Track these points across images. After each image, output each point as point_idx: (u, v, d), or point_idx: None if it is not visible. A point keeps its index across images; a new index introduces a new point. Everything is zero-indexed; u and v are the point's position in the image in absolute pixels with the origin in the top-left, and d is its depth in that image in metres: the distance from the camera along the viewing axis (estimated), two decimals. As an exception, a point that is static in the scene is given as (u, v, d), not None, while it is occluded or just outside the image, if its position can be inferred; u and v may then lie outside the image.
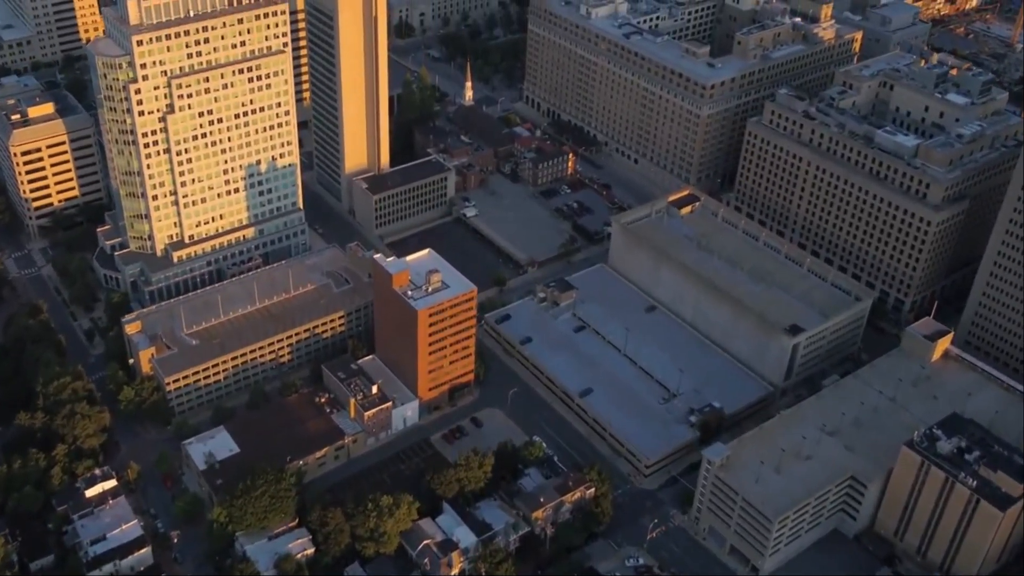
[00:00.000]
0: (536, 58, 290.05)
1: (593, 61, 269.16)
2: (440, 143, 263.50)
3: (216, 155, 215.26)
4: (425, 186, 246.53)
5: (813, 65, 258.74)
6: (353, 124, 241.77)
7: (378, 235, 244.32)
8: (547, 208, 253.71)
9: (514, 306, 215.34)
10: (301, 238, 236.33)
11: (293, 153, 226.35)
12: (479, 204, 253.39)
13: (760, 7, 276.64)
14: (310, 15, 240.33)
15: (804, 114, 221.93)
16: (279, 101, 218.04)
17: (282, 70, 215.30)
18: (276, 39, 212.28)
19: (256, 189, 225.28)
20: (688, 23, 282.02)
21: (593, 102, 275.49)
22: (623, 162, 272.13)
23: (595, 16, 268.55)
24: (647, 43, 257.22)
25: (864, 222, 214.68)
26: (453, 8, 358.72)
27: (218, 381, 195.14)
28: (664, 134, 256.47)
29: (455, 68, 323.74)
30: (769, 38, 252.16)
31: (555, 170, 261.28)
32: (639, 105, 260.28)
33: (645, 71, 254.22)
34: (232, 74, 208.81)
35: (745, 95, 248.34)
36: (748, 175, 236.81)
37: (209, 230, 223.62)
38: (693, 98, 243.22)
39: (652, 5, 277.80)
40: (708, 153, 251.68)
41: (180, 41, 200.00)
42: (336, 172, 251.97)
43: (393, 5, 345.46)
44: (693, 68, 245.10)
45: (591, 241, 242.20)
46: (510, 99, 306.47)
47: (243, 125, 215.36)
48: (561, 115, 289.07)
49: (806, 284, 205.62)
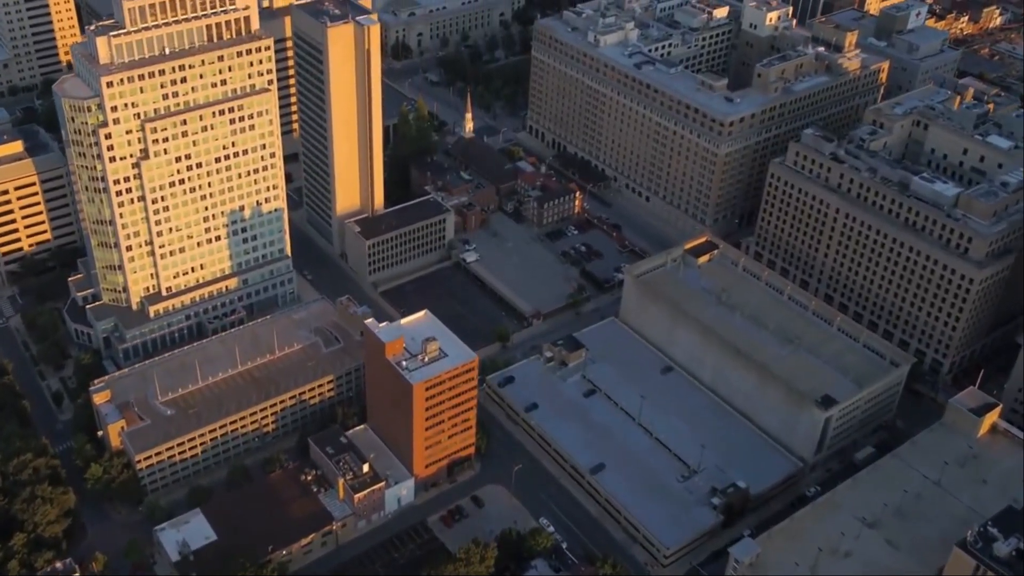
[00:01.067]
0: (540, 86, 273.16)
1: (601, 92, 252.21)
2: (438, 180, 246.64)
3: (195, 202, 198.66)
4: (422, 229, 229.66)
5: (838, 97, 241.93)
6: (345, 164, 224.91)
7: (371, 282, 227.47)
8: (553, 251, 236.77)
9: (519, 367, 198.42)
10: (288, 287, 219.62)
11: (279, 197, 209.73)
12: (480, 247, 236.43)
13: (779, 33, 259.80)
14: (297, 46, 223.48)
15: (832, 156, 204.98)
16: (264, 143, 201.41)
17: (267, 110, 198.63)
18: (260, 77, 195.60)
19: (239, 237, 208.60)
20: (702, 50, 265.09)
21: (601, 135, 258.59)
22: (634, 199, 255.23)
23: (604, 44, 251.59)
24: (660, 74, 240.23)
25: (898, 276, 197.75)
26: (452, 28, 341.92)
27: (195, 456, 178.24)
28: (678, 172, 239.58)
29: (454, 94, 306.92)
30: (791, 70, 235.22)
31: (561, 209, 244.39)
32: (651, 140, 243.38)
33: (658, 104, 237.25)
34: (212, 115, 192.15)
35: (766, 131, 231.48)
36: (770, 219, 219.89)
37: (188, 281, 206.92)
38: (710, 135, 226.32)
39: (664, 32, 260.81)
40: (726, 193, 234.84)
41: (154, 82, 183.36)
42: (327, 213, 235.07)
43: (389, 25, 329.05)
44: (710, 103, 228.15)
45: (601, 289, 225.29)
46: (512, 128, 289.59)
47: (225, 169, 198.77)
48: (567, 147, 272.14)
49: (837, 345, 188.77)
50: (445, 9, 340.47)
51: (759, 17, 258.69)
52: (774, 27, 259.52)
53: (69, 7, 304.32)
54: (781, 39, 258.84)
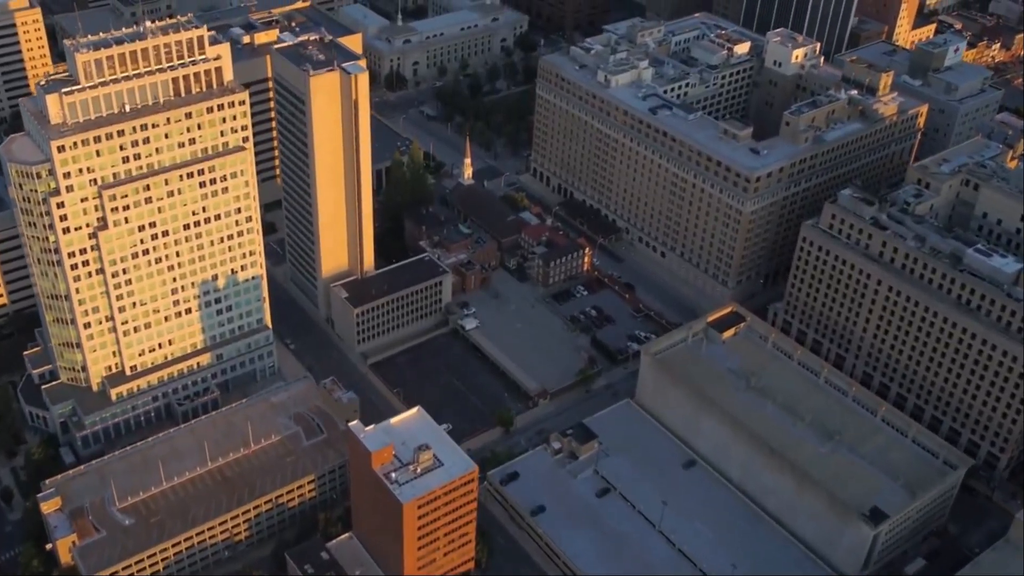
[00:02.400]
0: (544, 127, 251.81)
1: (612, 137, 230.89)
2: (435, 234, 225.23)
3: (162, 273, 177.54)
4: (417, 293, 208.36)
5: (872, 145, 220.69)
6: (330, 223, 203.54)
7: (360, 352, 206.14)
8: (560, 316, 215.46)
9: (524, 460, 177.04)
10: (268, 360, 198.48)
11: (258, 263, 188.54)
12: (480, 310, 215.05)
13: (806, 72, 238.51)
14: (278, 93, 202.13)
15: (873, 222, 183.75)
16: (239, 206, 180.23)
17: (242, 170, 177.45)
18: (234, 134, 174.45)
19: (213, 308, 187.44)
20: (721, 89, 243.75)
21: (612, 183, 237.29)
22: (648, 255, 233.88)
23: (615, 84, 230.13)
24: (677, 120, 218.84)
25: (948, 358, 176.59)
26: (450, 56, 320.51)
27: (156, 573, 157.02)
28: (697, 228, 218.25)
29: (452, 130, 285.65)
30: (822, 117, 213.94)
31: (569, 267, 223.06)
32: (667, 192, 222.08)
33: (675, 154, 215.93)
34: (179, 179, 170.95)
35: (795, 184, 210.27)
36: (801, 286, 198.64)
37: (156, 358, 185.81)
38: (734, 191, 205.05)
39: (680, 70, 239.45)
40: (750, 252, 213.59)
41: (113, 144, 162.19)
42: (311, 273, 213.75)
43: (383, 54, 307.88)
44: (734, 155, 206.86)
45: (613, 361, 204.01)
46: (515, 170, 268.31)
47: (195, 237, 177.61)
48: (574, 193, 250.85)
49: (882, 440, 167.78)
50: (443, 36, 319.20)
51: (784, 54, 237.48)
52: (800, 65, 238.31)
53: (39, 30, 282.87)
54: (808, 78, 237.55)
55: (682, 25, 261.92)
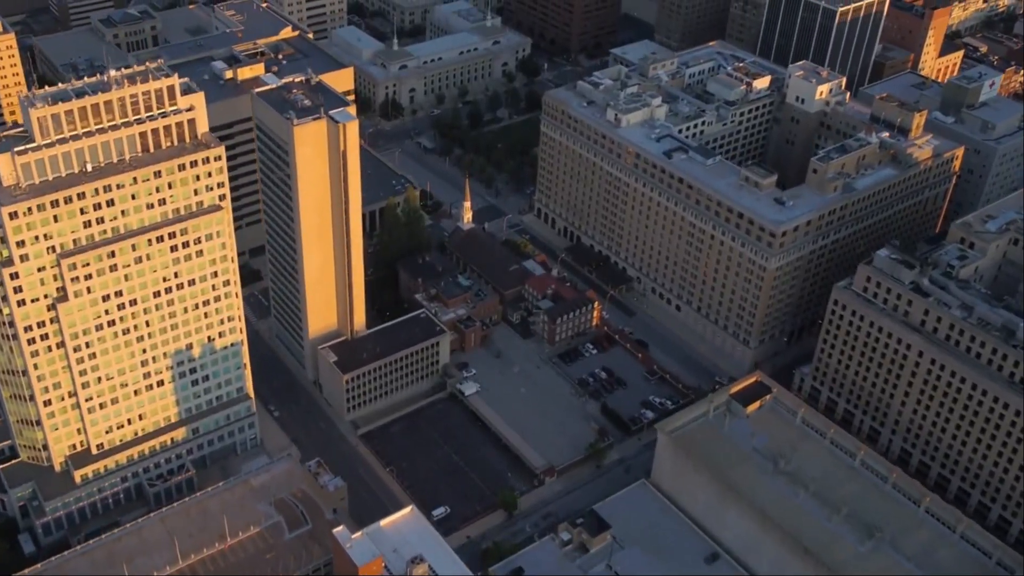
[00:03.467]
0: (550, 166, 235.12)
1: (623, 181, 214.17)
2: (432, 286, 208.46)
3: (130, 344, 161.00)
4: (412, 356, 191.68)
5: (905, 192, 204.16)
6: (317, 281, 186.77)
7: (350, 420, 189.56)
8: (567, 378, 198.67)
9: (529, 553, 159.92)
10: (249, 432, 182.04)
11: (237, 329, 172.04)
12: (481, 373, 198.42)
13: (831, 109, 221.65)
14: (260, 140, 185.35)
15: (914, 287, 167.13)
16: (215, 270, 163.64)
17: (218, 231, 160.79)
18: (210, 192, 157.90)
19: (188, 379, 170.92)
20: (739, 126, 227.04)
21: (623, 229, 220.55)
22: (661, 307, 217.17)
23: (626, 124, 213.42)
24: (694, 165, 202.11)
25: (999, 441, 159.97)
26: (449, 82, 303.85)
27: None
28: (716, 282, 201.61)
29: (451, 164, 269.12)
30: (852, 163, 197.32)
31: (577, 323, 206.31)
32: (683, 242, 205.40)
33: (692, 203, 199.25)
34: (148, 244, 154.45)
35: (823, 237, 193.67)
36: (831, 352, 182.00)
37: (124, 435, 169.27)
38: (758, 246, 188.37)
39: (695, 107, 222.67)
40: (774, 310, 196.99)
41: (73, 208, 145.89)
42: (297, 333, 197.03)
43: (377, 81, 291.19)
44: (757, 206, 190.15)
45: (626, 432, 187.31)
46: (518, 209, 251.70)
47: (166, 305, 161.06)
48: (581, 238, 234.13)
49: (927, 535, 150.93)
50: (441, 61, 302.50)
51: (807, 90, 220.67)
52: (825, 102, 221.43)
53: (13, 56, 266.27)
54: (833, 116, 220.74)
55: (696, 55, 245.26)
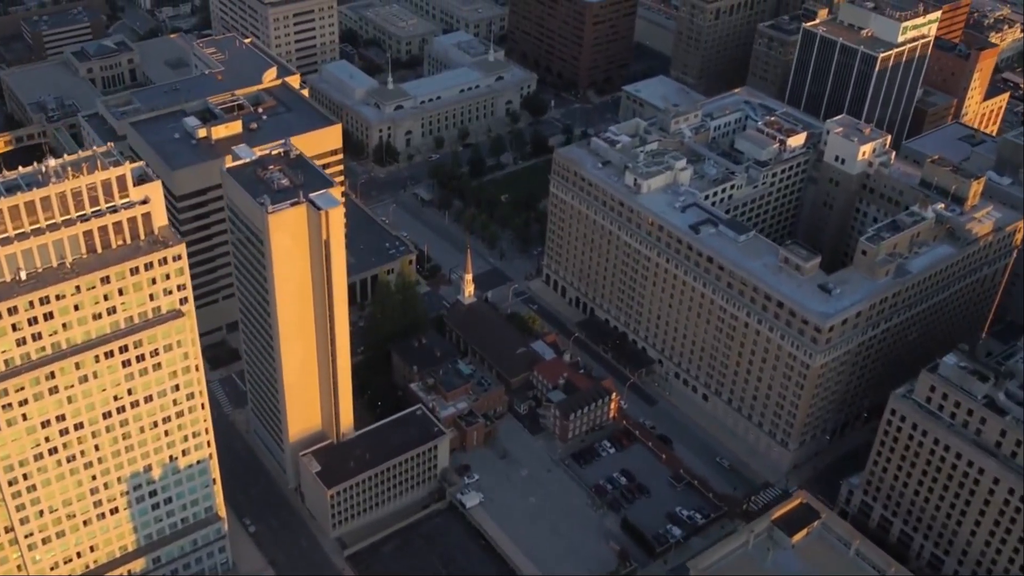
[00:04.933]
0: (560, 231, 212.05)
1: (644, 254, 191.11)
2: (429, 375, 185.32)
3: (76, 472, 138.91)
4: (406, 463, 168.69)
5: (963, 272, 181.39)
6: (298, 380, 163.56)
7: (335, 538, 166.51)
8: (582, 484, 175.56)
9: None
10: (219, 557, 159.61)
11: (204, 444, 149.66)
12: (484, 477, 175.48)
13: (874, 171, 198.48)
14: (231, 222, 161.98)
15: (988, 402, 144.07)
16: (177, 383, 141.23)
17: (179, 341, 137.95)
18: (169, 296, 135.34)
19: (147, 503, 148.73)
20: (772, 189, 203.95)
21: (643, 305, 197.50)
22: (686, 395, 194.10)
23: (646, 189, 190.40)
24: (725, 242, 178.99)
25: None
26: (448, 122, 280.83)
27: None
28: (751, 375, 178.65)
29: (450, 219, 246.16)
30: (905, 242, 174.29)
31: (592, 417, 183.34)
32: (713, 328, 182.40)
33: (724, 286, 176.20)
34: (95, 360, 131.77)
35: (873, 328, 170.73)
36: (887, 466, 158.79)
37: (74, 569, 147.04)
38: (801, 340, 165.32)
39: (723, 168, 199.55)
40: (817, 408, 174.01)
41: (4, 324, 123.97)
42: (276, 433, 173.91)
43: (371, 123, 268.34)
44: (799, 295, 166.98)
45: (650, 553, 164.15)
46: (525, 273, 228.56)
47: (119, 426, 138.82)
48: (595, 311, 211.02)
49: None
50: (439, 100, 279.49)
51: (848, 150, 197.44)
52: (867, 162, 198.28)
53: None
54: (877, 178, 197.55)
55: (722, 105, 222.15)
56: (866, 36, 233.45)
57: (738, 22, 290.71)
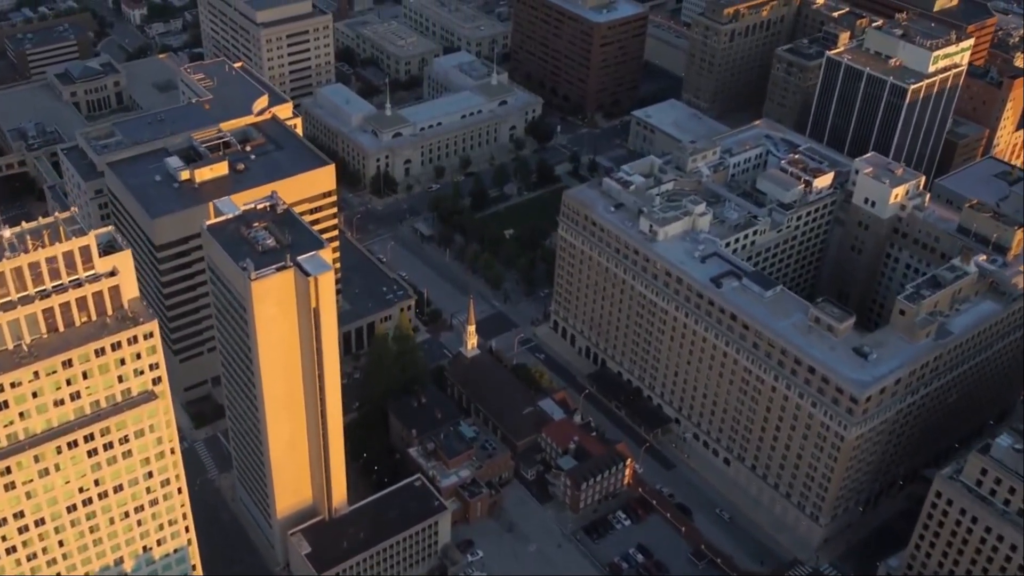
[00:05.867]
0: (569, 275, 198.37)
1: (661, 307, 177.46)
2: (428, 439, 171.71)
3: (39, 570, 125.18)
4: (405, 540, 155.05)
5: (1007, 329, 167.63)
6: (286, 455, 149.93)
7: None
8: (595, 562, 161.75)
9: None
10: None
11: (182, 532, 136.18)
12: (489, 554, 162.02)
13: (907, 214, 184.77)
14: (212, 282, 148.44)
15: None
16: (150, 470, 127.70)
17: (152, 425, 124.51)
18: (140, 377, 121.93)
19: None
20: (796, 232, 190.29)
21: (659, 360, 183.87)
22: (706, 459, 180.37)
23: (663, 237, 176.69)
24: (750, 297, 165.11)
25: None
26: (449, 150, 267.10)
27: None
28: (778, 442, 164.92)
29: (451, 257, 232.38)
30: (946, 300, 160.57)
31: (606, 485, 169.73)
32: (736, 389, 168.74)
33: (748, 346, 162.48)
34: (57, 452, 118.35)
35: (911, 394, 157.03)
36: (931, 552, 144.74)
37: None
38: (835, 410, 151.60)
39: (744, 212, 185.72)
40: (851, 481, 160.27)
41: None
42: (264, 507, 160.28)
43: (368, 153, 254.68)
44: (833, 359, 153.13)
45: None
46: (531, 318, 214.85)
47: (85, 519, 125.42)
48: (607, 362, 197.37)
49: None
50: (440, 127, 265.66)
51: (879, 192, 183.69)
52: (900, 205, 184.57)
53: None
54: (911, 222, 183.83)
55: (741, 139, 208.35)
56: (894, 65, 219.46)
57: (753, 44, 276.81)
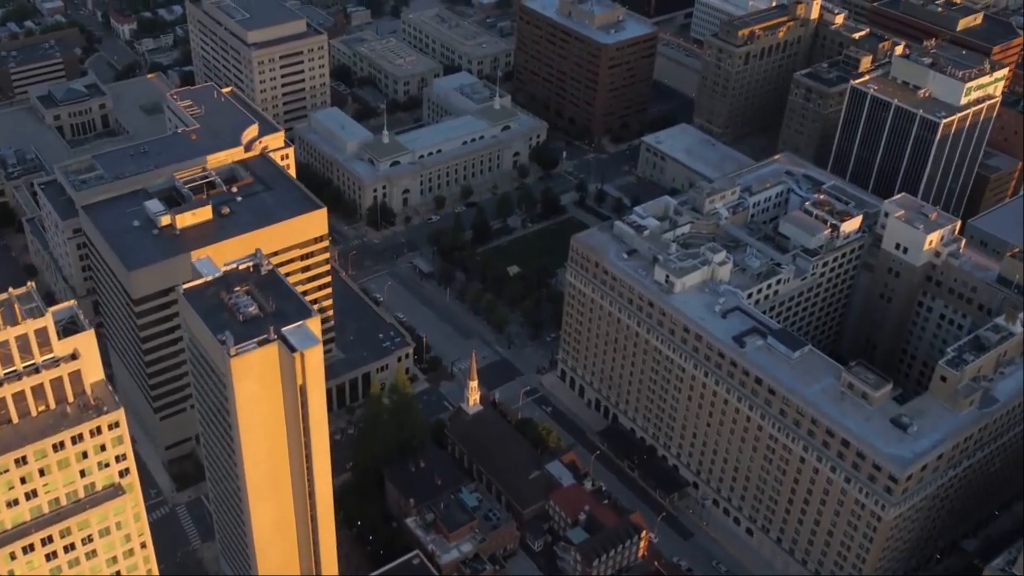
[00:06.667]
0: (578, 324, 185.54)
1: (679, 364, 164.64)
2: (427, 509, 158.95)
3: None
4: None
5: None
6: (271, 539, 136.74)
7: None
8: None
9: None
10: None
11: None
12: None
13: (942, 261, 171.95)
14: (188, 349, 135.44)
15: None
16: (117, 570, 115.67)
17: (119, 523, 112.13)
18: (105, 470, 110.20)
19: None
20: (822, 280, 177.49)
21: (676, 420, 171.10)
22: (728, 528, 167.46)
23: (681, 288, 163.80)
24: (776, 359, 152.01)
25: None
26: (450, 178, 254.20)
27: None
28: (806, 516, 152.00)
29: (452, 297, 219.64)
30: (991, 364, 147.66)
31: (620, 559, 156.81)
32: (760, 457, 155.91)
33: (775, 413, 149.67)
34: (10, 558, 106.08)
35: (953, 468, 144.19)
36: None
37: None
38: (871, 488, 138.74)
39: (766, 260, 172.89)
40: (887, 561, 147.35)
41: None
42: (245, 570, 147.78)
43: (365, 183, 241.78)
44: (869, 432, 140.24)
45: None
46: (537, 365, 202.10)
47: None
48: (619, 417, 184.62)
49: None
50: (440, 154, 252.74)
51: (913, 239, 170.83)
52: (934, 251, 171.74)
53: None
54: (946, 270, 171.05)
55: (760, 176, 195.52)
56: (924, 97, 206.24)
57: (769, 67, 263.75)
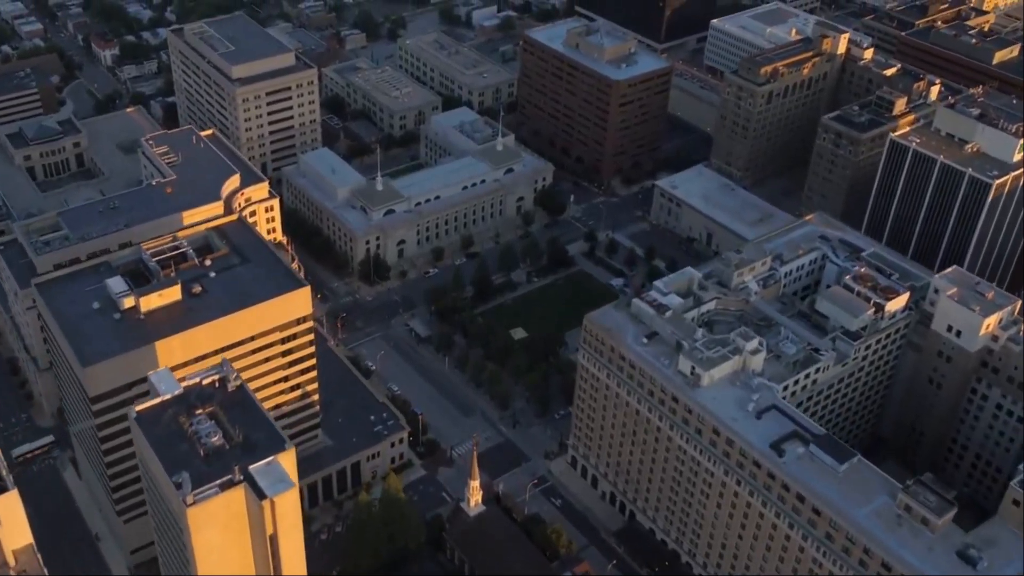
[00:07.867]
0: (591, 410, 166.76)
1: (706, 468, 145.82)
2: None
3: None
4: None
5: None
6: None
7: None
8: None
9: None
10: None
11: None
12: None
13: (1000, 346, 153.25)
14: (145, 480, 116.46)
15: None
16: None
17: None
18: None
19: None
20: (864, 363, 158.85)
21: (703, 526, 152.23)
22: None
23: (708, 382, 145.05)
24: (819, 471, 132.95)
25: None
26: (449, 226, 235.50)
27: None
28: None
29: (451, 366, 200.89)
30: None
31: None
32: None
33: (821, 535, 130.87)
34: None
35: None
36: None
37: None
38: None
39: (803, 346, 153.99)
40: None
41: None
42: None
43: (357, 235, 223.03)
44: (932, 567, 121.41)
45: None
46: (544, 447, 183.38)
47: None
48: (637, 515, 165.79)
49: None
50: (438, 200, 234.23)
51: (968, 321, 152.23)
52: (992, 335, 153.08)
53: None
54: (1005, 356, 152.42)
55: (790, 241, 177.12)
56: (972, 152, 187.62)
57: (792, 106, 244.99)
